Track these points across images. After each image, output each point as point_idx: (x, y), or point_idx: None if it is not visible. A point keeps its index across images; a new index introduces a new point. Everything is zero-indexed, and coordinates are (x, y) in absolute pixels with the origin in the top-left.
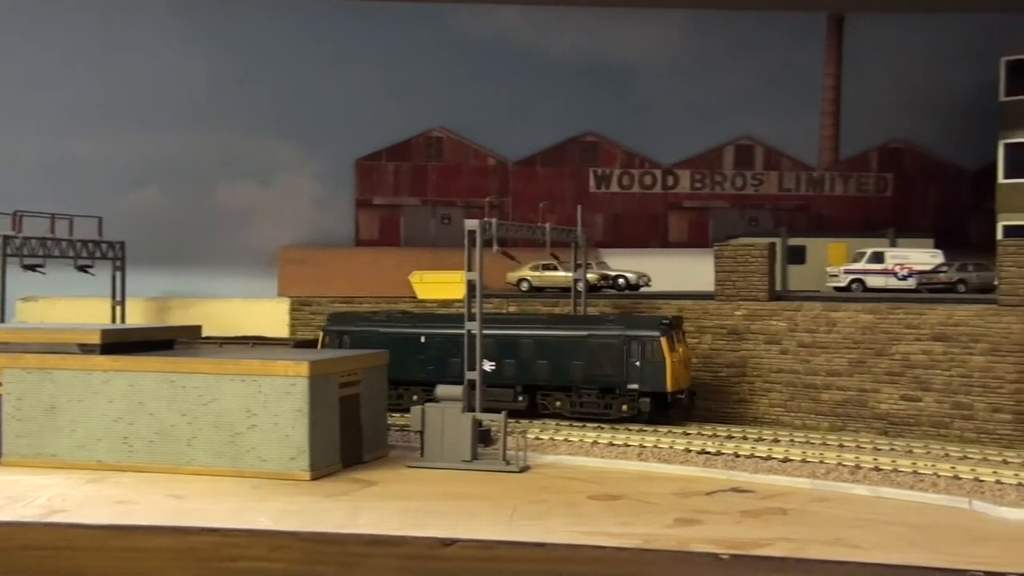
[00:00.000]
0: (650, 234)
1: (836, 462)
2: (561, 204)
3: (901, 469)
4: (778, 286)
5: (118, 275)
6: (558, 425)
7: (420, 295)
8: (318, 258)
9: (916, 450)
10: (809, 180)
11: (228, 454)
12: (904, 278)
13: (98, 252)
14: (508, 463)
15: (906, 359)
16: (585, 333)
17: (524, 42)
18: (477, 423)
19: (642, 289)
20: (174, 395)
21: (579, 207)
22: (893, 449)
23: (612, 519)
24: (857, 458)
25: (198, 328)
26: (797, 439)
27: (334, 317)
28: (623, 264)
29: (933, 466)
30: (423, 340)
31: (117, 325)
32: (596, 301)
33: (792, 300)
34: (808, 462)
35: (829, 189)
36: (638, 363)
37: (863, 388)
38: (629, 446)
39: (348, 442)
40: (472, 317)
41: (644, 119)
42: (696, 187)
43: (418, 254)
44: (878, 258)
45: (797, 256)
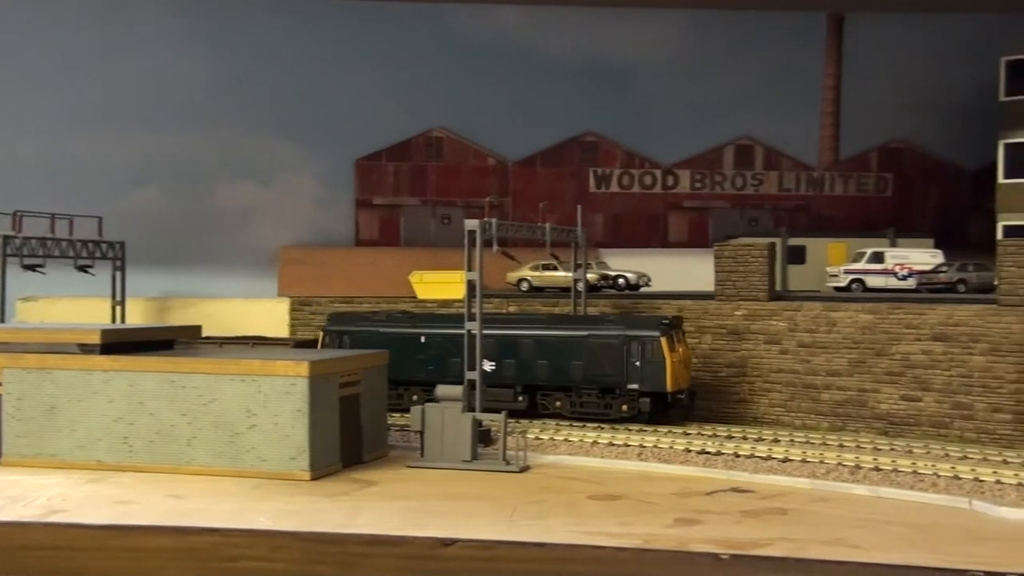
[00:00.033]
0: (650, 234)
1: (836, 462)
2: (561, 204)
3: (901, 469)
4: (778, 286)
5: (118, 275)
6: (558, 425)
7: (420, 295)
8: (318, 258)
9: (916, 450)
10: (809, 180)
11: (228, 454)
12: (904, 278)
13: (98, 252)
14: (508, 463)
15: (906, 359)
16: (585, 333)
17: (524, 42)
18: (477, 423)
19: (642, 289)
20: (174, 395)
21: (579, 207)
22: (893, 449)
23: (612, 519)
24: (857, 458)
25: (198, 328)
26: (797, 439)
27: (334, 317)
28: (623, 264)
29: (933, 466)
30: (423, 340)
31: (117, 325)
32: (596, 301)
33: (792, 300)
34: (808, 462)
35: (829, 189)
36: (638, 363)
37: (863, 388)
38: (629, 446)
39: (348, 442)
40: (472, 317)
41: (644, 119)
42: (696, 187)
43: (418, 254)
44: (878, 258)
45: (797, 256)
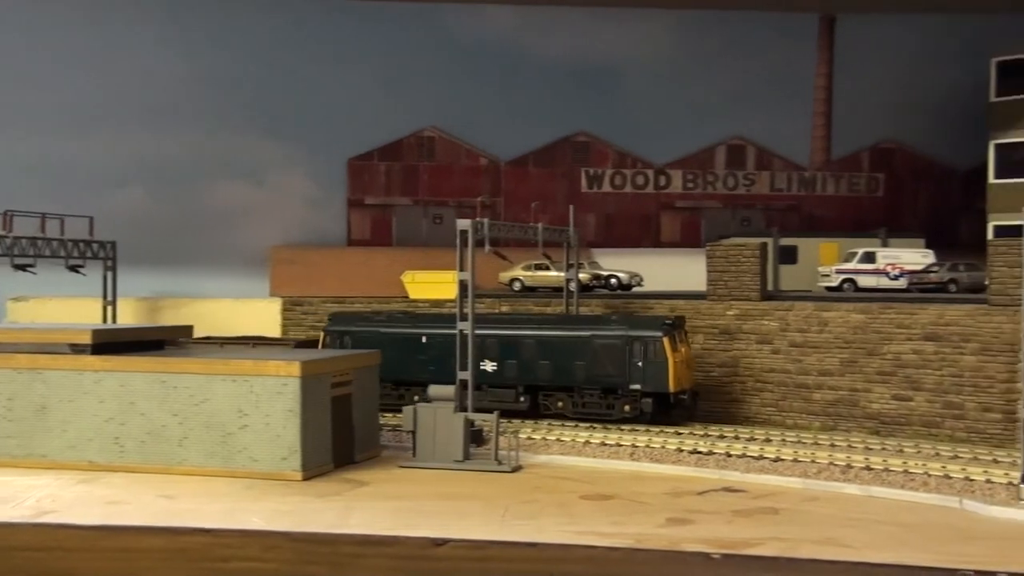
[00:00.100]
0: (642, 234)
1: (827, 461)
2: (553, 204)
3: (892, 468)
4: (770, 286)
5: (109, 275)
6: (550, 425)
7: (412, 295)
8: (310, 258)
9: (907, 449)
10: (801, 180)
11: (220, 454)
12: (895, 278)
13: (89, 252)
14: (500, 463)
15: (897, 359)
16: (587, 333)
17: (515, 42)
18: (469, 423)
19: (634, 289)
20: (165, 395)
21: (571, 207)
22: (884, 448)
23: (604, 519)
24: (848, 457)
25: (189, 328)
26: (789, 439)
27: (335, 317)
28: (615, 264)
29: (924, 465)
30: (424, 340)
31: (108, 325)
32: (588, 301)
33: (784, 300)
34: (800, 461)
35: (821, 189)
36: (640, 363)
37: (854, 388)
38: (621, 446)
39: (340, 442)
40: (464, 317)
41: (636, 119)
42: (688, 187)
43: (410, 254)
44: (869, 258)
45: (789, 256)
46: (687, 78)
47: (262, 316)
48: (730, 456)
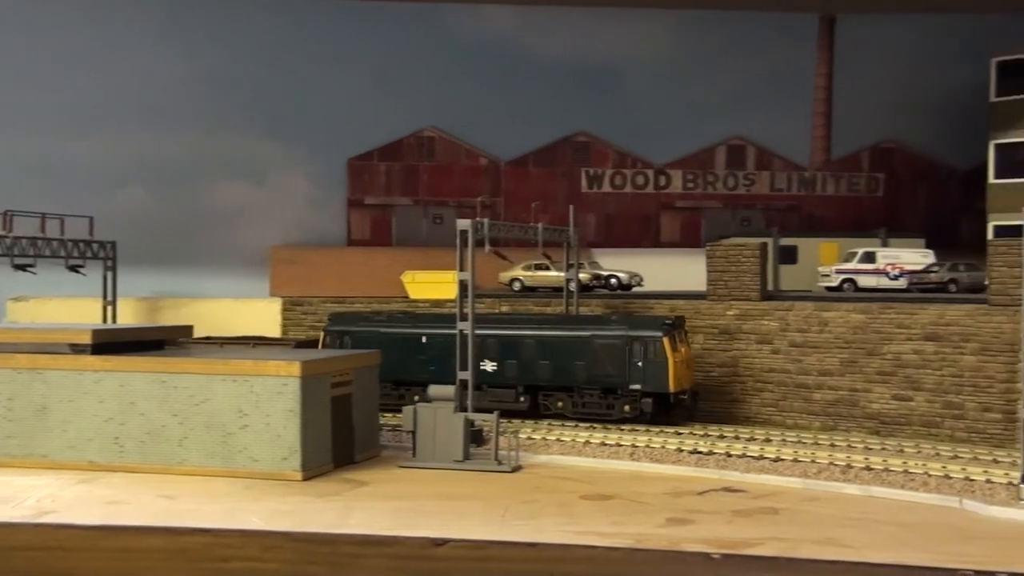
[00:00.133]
0: (642, 234)
1: (827, 461)
2: (553, 204)
3: (892, 468)
4: (770, 286)
5: (109, 275)
6: (550, 425)
7: (412, 295)
8: (310, 258)
9: (907, 449)
10: (801, 180)
11: (220, 454)
12: (895, 278)
13: (89, 252)
14: (500, 463)
15: (897, 359)
16: (587, 333)
17: (516, 41)
18: (469, 423)
19: (634, 289)
20: (165, 395)
21: (571, 207)
22: (884, 448)
23: (604, 519)
24: (848, 457)
25: (189, 328)
26: (789, 439)
27: (335, 317)
28: (615, 264)
29: (924, 465)
30: (425, 340)
31: (108, 325)
32: (588, 301)
33: (784, 300)
34: (800, 461)
35: (821, 189)
36: (640, 363)
37: (854, 388)
38: (621, 446)
39: (340, 442)
40: (464, 317)
41: (636, 119)
42: (688, 187)
43: (410, 254)
44: (869, 258)
45: (789, 256)
46: (687, 78)
47: (262, 316)
48: (730, 456)
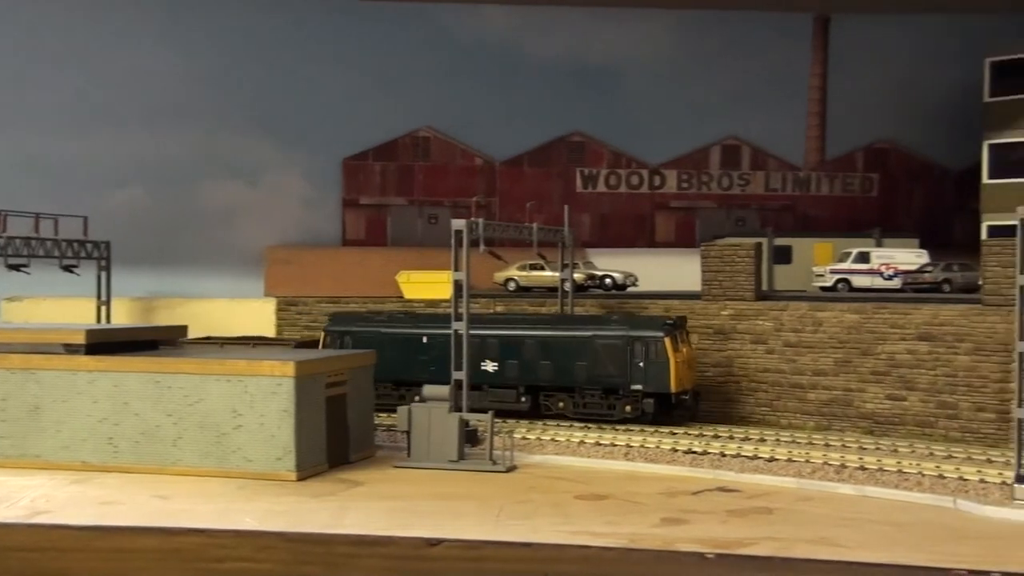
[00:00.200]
0: (637, 234)
1: (822, 461)
2: (548, 204)
3: (886, 468)
4: (764, 286)
5: (103, 275)
6: (545, 425)
7: (407, 295)
8: (305, 258)
9: (901, 449)
10: (795, 180)
11: (214, 454)
12: (890, 278)
13: (83, 252)
14: (495, 463)
15: (891, 359)
16: (588, 334)
17: (511, 42)
18: (464, 423)
19: (629, 289)
20: (159, 395)
21: (566, 207)
22: (878, 448)
23: (599, 519)
24: (843, 457)
25: (184, 328)
26: (783, 438)
27: (335, 317)
28: (610, 264)
29: (918, 465)
30: (425, 341)
31: (102, 325)
32: (583, 301)
33: (778, 300)
34: (794, 461)
35: (815, 189)
36: (642, 364)
37: (849, 387)
38: (616, 446)
39: (334, 442)
40: (459, 317)
41: (631, 119)
42: (683, 187)
43: (405, 254)
44: (864, 258)
45: (783, 256)
46: (682, 78)
47: (257, 316)
48: (724, 456)
